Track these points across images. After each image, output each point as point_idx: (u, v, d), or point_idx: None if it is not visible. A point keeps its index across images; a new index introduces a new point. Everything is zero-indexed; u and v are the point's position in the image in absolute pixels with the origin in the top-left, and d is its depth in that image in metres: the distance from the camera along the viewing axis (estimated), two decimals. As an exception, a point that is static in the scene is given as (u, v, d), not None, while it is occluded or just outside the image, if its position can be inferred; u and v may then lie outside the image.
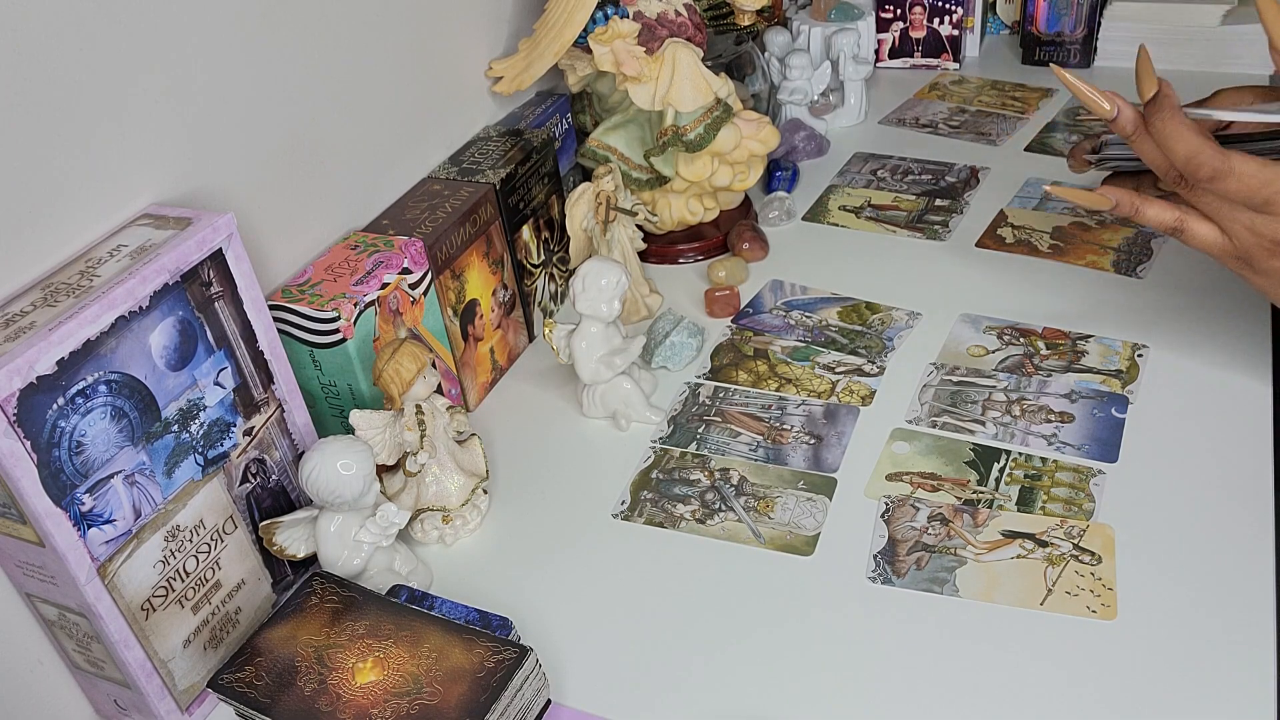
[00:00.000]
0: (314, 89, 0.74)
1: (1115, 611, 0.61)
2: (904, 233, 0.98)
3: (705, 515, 0.71)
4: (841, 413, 0.78)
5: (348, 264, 0.72)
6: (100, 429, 0.53)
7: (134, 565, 0.56)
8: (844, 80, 1.17)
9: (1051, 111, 1.16)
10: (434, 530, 0.71)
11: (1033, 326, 0.84)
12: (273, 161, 0.71)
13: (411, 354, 0.67)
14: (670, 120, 0.87)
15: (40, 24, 0.54)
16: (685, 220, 0.96)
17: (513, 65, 0.92)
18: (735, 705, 0.59)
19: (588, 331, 0.77)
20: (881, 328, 0.86)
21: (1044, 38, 1.24)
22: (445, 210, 0.79)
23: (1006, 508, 0.68)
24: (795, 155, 1.10)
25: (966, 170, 1.06)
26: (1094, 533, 0.66)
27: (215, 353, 0.60)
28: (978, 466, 0.72)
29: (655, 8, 0.88)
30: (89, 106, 0.57)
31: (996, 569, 0.64)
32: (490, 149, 0.88)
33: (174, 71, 0.62)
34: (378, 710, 0.54)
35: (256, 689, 0.56)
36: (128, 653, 0.56)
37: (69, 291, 0.53)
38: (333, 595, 0.61)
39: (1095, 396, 0.76)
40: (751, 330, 0.87)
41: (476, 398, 0.84)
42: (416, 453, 0.69)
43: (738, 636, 0.62)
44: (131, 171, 0.60)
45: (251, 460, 0.63)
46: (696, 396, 0.81)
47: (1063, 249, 0.92)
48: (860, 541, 0.67)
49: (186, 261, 0.57)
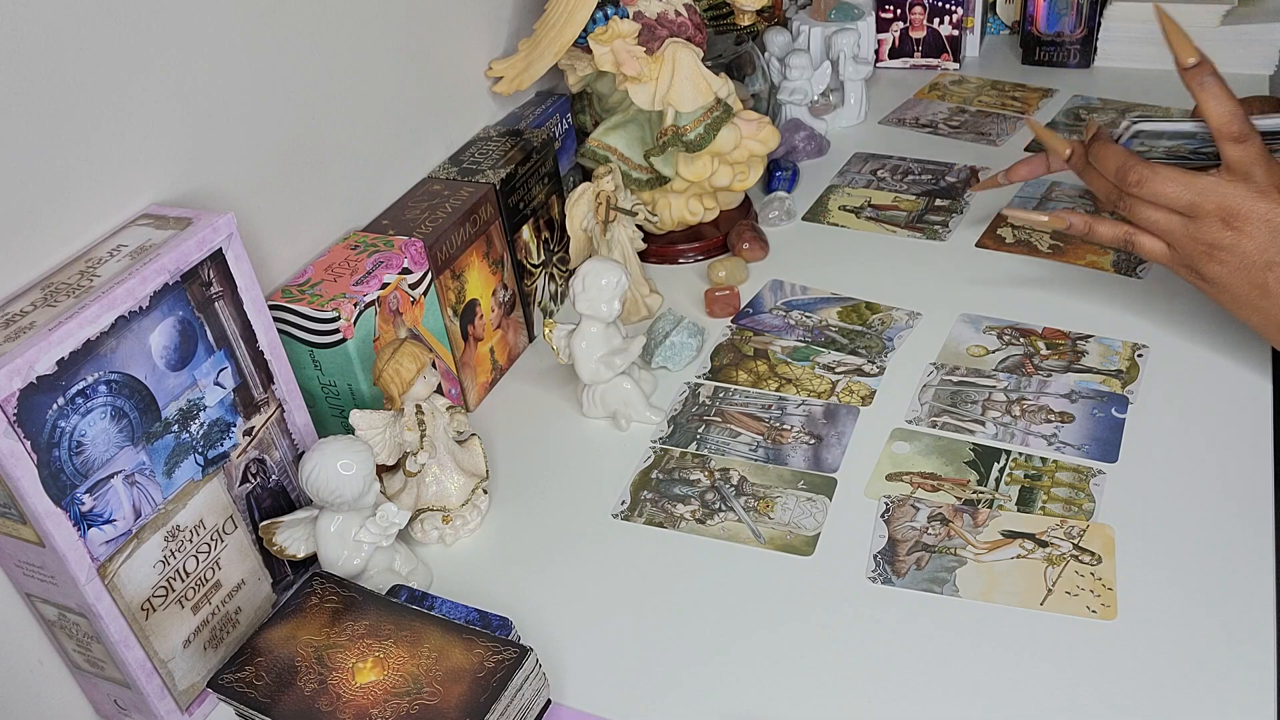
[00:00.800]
0: (314, 89, 0.74)
1: (1115, 611, 0.61)
2: (904, 233, 0.98)
3: (705, 515, 0.71)
4: (841, 413, 0.78)
5: (348, 264, 0.72)
6: (100, 429, 0.53)
7: (134, 565, 0.56)
8: (844, 80, 1.17)
9: (1051, 111, 1.16)
10: (434, 530, 0.71)
11: (1033, 326, 0.84)
12: (273, 161, 0.71)
13: (411, 354, 0.67)
14: (670, 120, 0.87)
15: (40, 24, 0.54)
16: (685, 220, 0.96)
17: (513, 65, 0.92)
18: (735, 705, 0.59)
19: (588, 331, 0.77)
20: (881, 328, 0.86)
21: (1044, 38, 1.24)
22: (445, 210, 0.79)
23: (1006, 508, 0.68)
24: (795, 155, 1.10)
25: (966, 170, 1.06)
26: (1094, 533, 0.66)
27: (215, 353, 0.60)
28: (978, 466, 0.72)
29: (655, 8, 0.88)
30: (89, 106, 0.57)
31: (996, 569, 0.64)
32: (490, 149, 0.88)
33: (174, 71, 0.62)
34: (378, 710, 0.54)
35: (256, 689, 0.56)
36: (128, 653, 0.56)
37: (69, 291, 0.53)
38: (333, 595, 0.61)
39: (1095, 396, 0.76)
40: (751, 330, 0.87)
41: (476, 398, 0.84)
42: (416, 453, 0.69)
43: (738, 636, 0.62)
44: (131, 171, 0.60)
45: (251, 460, 0.63)
46: (696, 396, 0.81)
47: (1063, 249, 0.92)
48: (860, 541, 0.67)
49: (186, 261, 0.57)
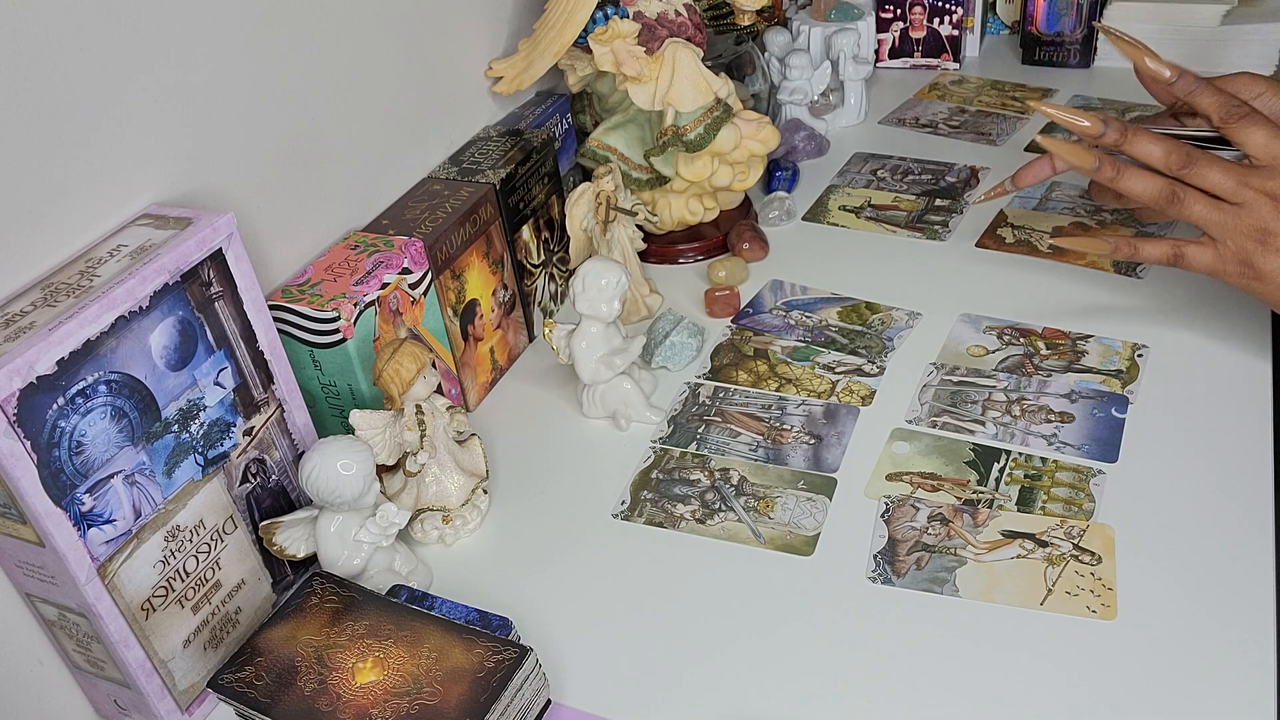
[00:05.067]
0: (314, 89, 0.74)
1: (1115, 611, 0.61)
2: (904, 233, 0.98)
3: (705, 515, 0.71)
4: (841, 413, 0.78)
5: (348, 264, 0.72)
6: (100, 429, 0.53)
7: (134, 565, 0.56)
8: (844, 80, 1.17)
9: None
10: (434, 530, 0.71)
11: (1033, 326, 0.84)
12: (273, 161, 0.71)
13: (411, 354, 0.67)
14: (670, 120, 0.87)
15: (40, 24, 0.54)
16: (685, 220, 0.96)
17: (513, 65, 0.92)
18: (735, 705, 0.59)
19: (588, 331, 0.77)
20: (881, 328, 0.86)
21: (1044, 38, 1.24)
22: (445, 210, 0.79)
23: (1006, 508, 0.68)
24: (795, 155, 1.10)
25: (966, 170, 1.06)
26: (1094, 533, 0.66)
27: (215, 353, 0.60)
28: (978, 466, 0.72)
29: (655, 8, 0.88)
30: (89, 106, 0.57)
31: (996, 569, 0.64)
32: (490, 149, 0.88)
33: (174, 71, 0.62)
34: (378, 710, 0.54)
35: (256, 689, 0.56)
36: (128, 653, 0.56)
37: (69, 291, 0.53)
38: (333, 595, 0.61)
39: (1095, 397, 0.76)
40: (751, 330, 0.87)
41: (476, 398, 0.84)
42: (416, 453, 0.69)
43: (738, 636, 0.62)
44: (131, 171, 0.60)
45: (251, 460, 0.63)
46: (696, 396, 0.81)
47: (1063, 249, 0.92)
48: (860, 541, 0.67)
49: (186, 261, 0.57)
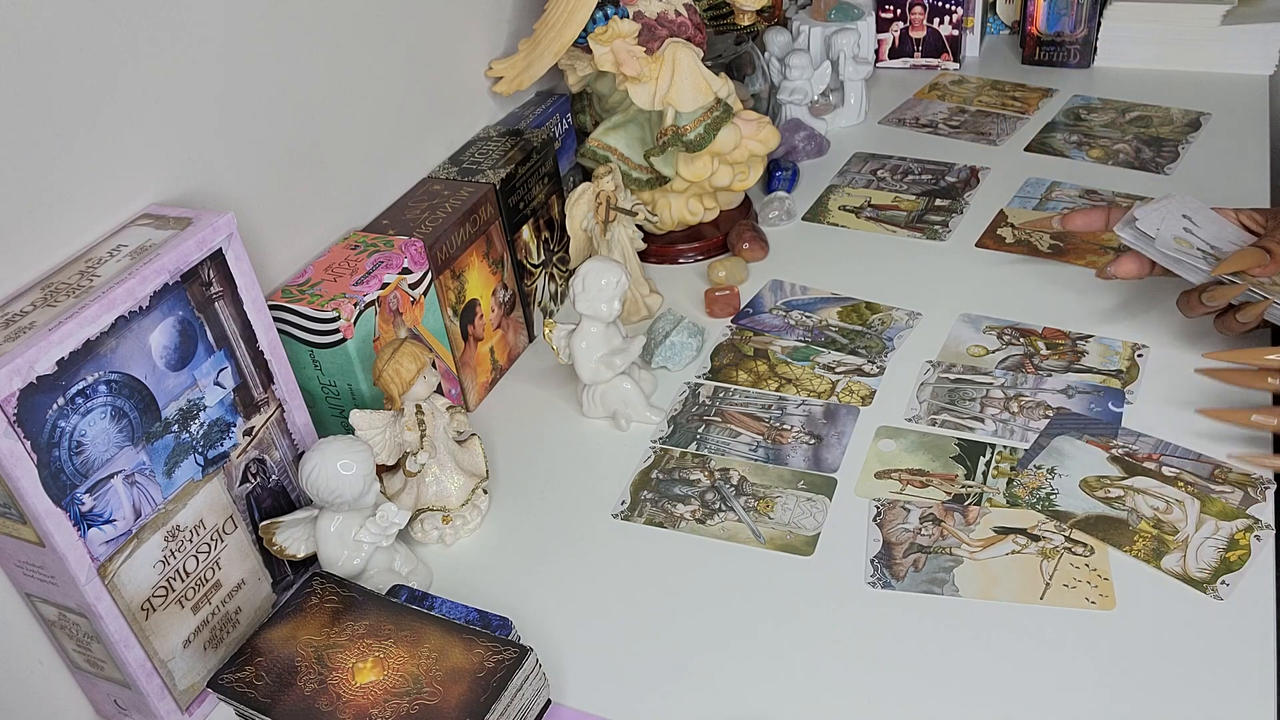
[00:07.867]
0: (314, 89, 0.74)
1: (1114, 601, 0.61)
2: (904, 233, 0.98)
3: (705, 515, 0.71)
4: (841, 413, 0.78)
5: (348, 264, 0.72)
6: (100, 429, 0.53)
7: (134, 565, 0.56)
8: (844, 80, 1.17)
9: (1051, 111, 1.16)
10: (434, 530, 0.71)
11: (1033, 326, 0.84)
12: (273, 161, 0.71)
13: (411, 354, 0.67)
14: (670, 120, 0.87)
15: (40, 24, 0.54)
16: (685, 220, 0.96)
17: (513, 65, 0.92)
18: (735, 705, 0.59)
19: (588, 331, 0.77)
20: (881, 328, 0.86)
21: (1044, 38, 1.24)
22: (445, 210, 0.79)
23: (995, 501, 0.68)
24: (795, 155, 1.10)
25: (966, 170, 1.06)
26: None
27: (215, 353, 0.60)
28: (964, 461, 0.72)
29: (655, 8, 0.88)
30: (89, 106, 0.57)
31: (993, 566, 0.64)
32: (490, 149, 0.88)
33: (174, 72, 0.62)
34: (378, 710, 0.54)
35: (256, 689, 0.56)
36: (128, 653, 0.56)
37: (69, 291, 0.53)
38: (333, 595, 0.61)
39: (1091, 391, 0.76)
40: (751, 330, 0.87)
41: (476, 398, 0.84)
42: (416, 453, 0.69)
43: (738, 636, 0.62)
44: (131, 171, 0.60)
45: (251, 460, 0.63)
46: (696, 396, 0.81)
47: (1063, 249, 0.92)
48: (860, 541, 0.67)
49: (186, 261, 0.57)
